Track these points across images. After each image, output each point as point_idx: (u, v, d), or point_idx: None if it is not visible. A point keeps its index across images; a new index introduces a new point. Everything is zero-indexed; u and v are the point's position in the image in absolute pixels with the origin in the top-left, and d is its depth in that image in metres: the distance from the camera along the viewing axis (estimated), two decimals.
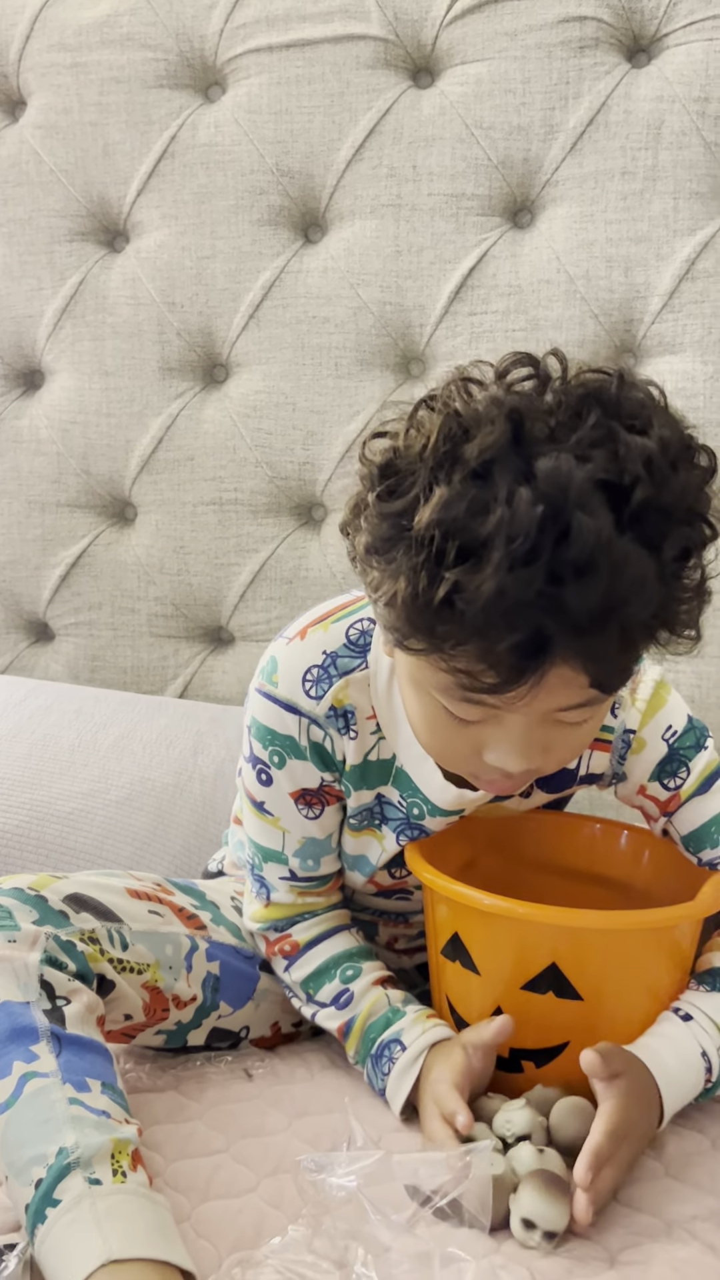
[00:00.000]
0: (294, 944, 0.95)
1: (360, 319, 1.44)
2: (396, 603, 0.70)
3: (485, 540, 0.65)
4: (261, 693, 0.90)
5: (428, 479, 0.68)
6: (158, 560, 1.54)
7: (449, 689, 0.74)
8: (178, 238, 1.49)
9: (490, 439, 0.67)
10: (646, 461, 0.68)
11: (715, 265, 1.34)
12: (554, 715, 0.75)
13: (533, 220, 1.41)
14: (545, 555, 0.65)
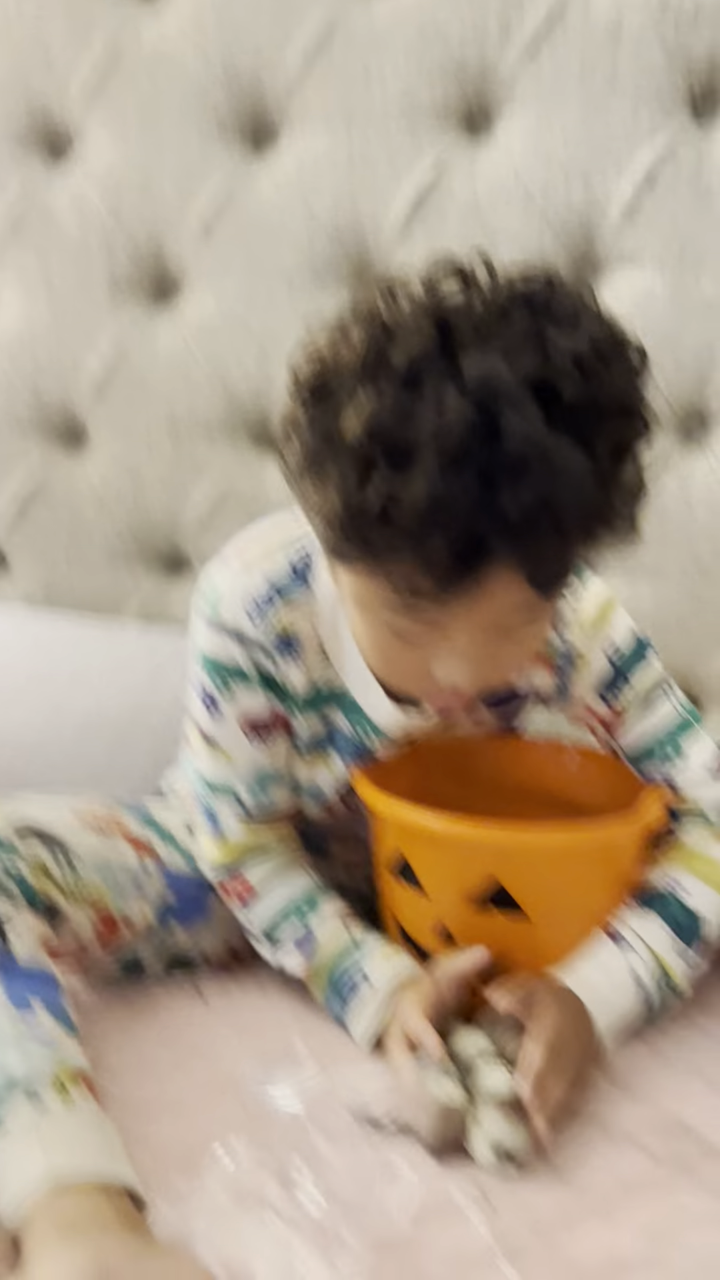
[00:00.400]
0: (249, 886, 0.95)
1: (314, 234, 1.40)
2: (329, 513, 0.69)
3: (415, 444, 0.65)
4: (205, 620, 0.89)
5: (355, 388, 0.67)
6: (113, 486, 1.51)
7: (393, 604, 0.73)
8: (123, 150, 1.44)
9: (416, 343, 0.66)
10: (575, 358, 0.67)
11: (675, 175, 1.30)
12: (499, 625, 0.74)
13: (490, 130, 1.36)
14: (476, 456, 0.64)
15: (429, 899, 0.86)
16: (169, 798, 1.09)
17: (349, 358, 0.69)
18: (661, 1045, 0.88)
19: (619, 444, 0.70)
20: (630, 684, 0.92)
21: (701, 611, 1.36)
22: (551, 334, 0.67)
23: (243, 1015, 0.91)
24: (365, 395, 0.66)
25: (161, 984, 0.96)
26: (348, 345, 0.69)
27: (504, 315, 0.67)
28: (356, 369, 0.68)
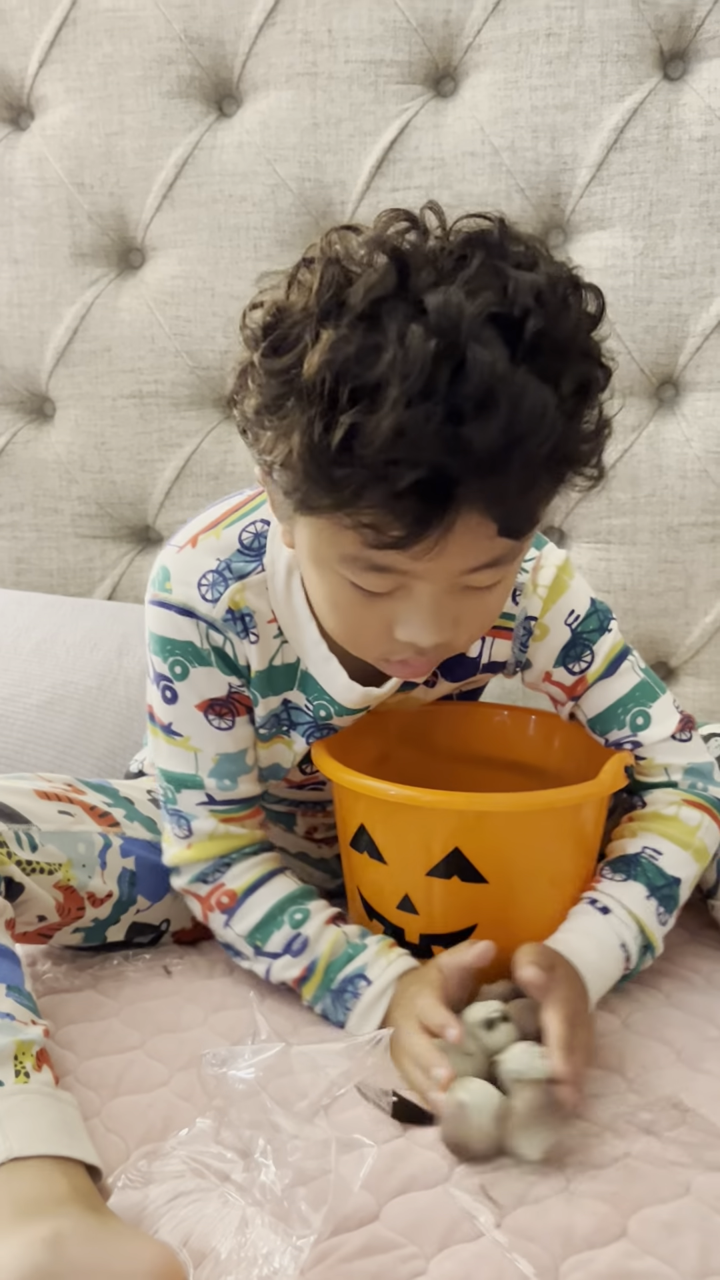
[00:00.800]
0: (230, 894, 0.90)
1: (279, 197, 1.38)
2: (293, 459, 0.67)
3: (379, 380, 0.63)
4: (155, 602, 0.87)
5: (314, 329, 0.66)
6: (79, 457, 1.49)
7: (355, 557, 0.72)
8: (84, 113, 1.41)
9: (375, 280, 0.65)
10: (536, 294, 0.66)
11: (645, 134, 1.28)
12: (463, 580, 0.73)
13: (455, 88, 1.34)
14: (442, 390, 0.63)
15: (391, 870, 0.85)
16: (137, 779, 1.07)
17: (303, 300, 0.67)
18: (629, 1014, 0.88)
19: (581, 383, 0.69)
20: (592, 651, 0.90)
21: (673, 576, 1.35)
22: (510, 271, 0.66)
23: (209, 991, 0.90)
24: (324, 335, 0.65)
25: (127, 960, 0.95)
26: (300, 289, 0.68)
27: (461, 254, 0.66)
28: (313, 310, 0.66)
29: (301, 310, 0.67)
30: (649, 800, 0.93)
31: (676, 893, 0.89)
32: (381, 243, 0.67)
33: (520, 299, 0.65)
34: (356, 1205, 0.65)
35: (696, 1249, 0.62)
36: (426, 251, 0.67)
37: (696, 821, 0.91)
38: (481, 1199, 0.66)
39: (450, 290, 0.64)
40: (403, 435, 0.63)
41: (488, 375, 0.63)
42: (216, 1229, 0.65)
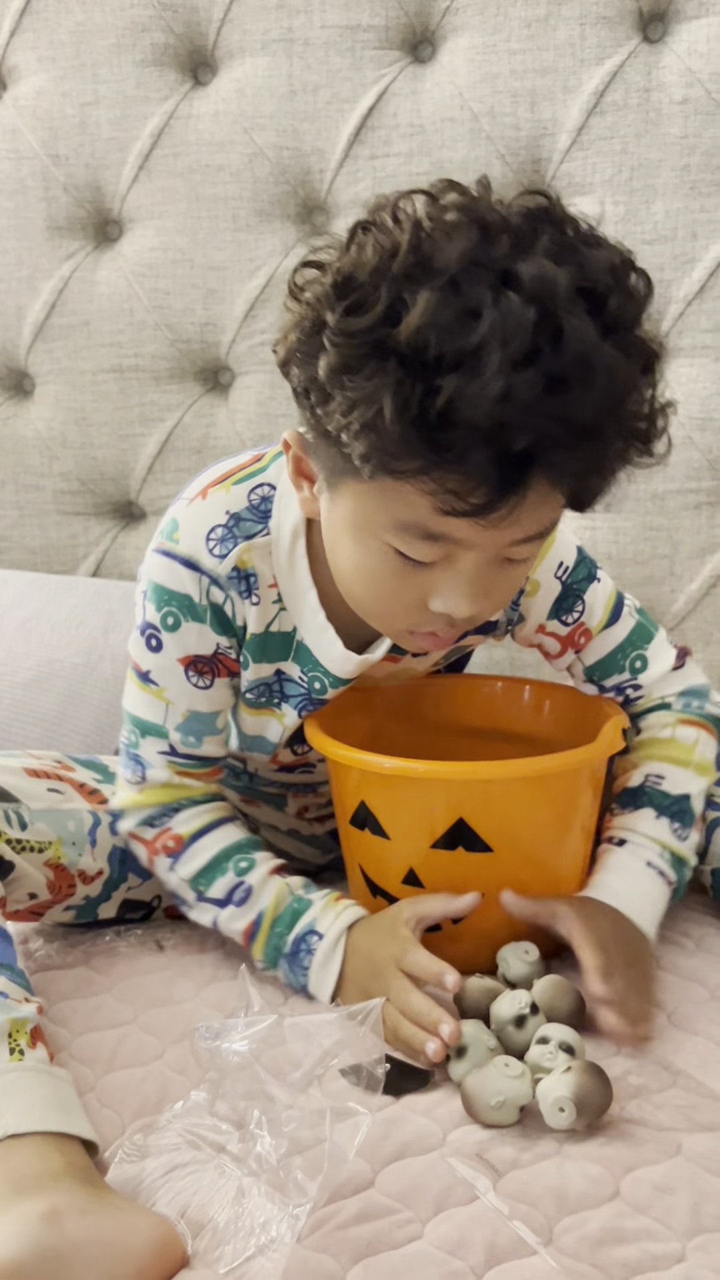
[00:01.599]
0: (176, 838, 0.90)
1: (256, 166, 1.36)
2: (383, 421, 0.66)
3: (479, 345, 0.63)
4: (160, 551, 0.86)
5: (397, 290, 0.65)
6: (59, 433, 1.48)
7: (413, 524, 0.72)
8: (57, 83, 1.39)
9: (465, 245, 0.65)
10: (612, 271, 0.68)
11: (625, 97, 1.27)
12: (507, 550, 0.74)
13: (433, 53, 1.32)
14: (546, 358, 0.64)
15: (394, 845, 0.85)
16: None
17: (376, 260, 0.66)
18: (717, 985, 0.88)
19: (648, 362, 0.70)
20: (583, 601, 0.91)
21: (658, 544, 1.35)
22: (582, 248, 0.67)
23: (200, 965, 0.90)
24: (414, 298, 0.64)
25: (119, 935, 0.95)
26: (373, 249, 0.67)
27: (531, 227, 0.67)
28: (398, 270, 0.65)
29: (375, 271, 0.66)
30: (644, 726, 0.94)
31: (688, 806, 0.90)
32: (466, 205, 0.68)
33: (600, 276, 0.67)
34: (352, 1172, 0.66)
35: (687, 1208, 0.63)
36: (500, 217, 0.67)
37: (693, 738, 0.92)
38: (478, 1165, 0.66)
39: (542, 261, 0.65)
40: (509, 400, 0.63)
41: (585, 347, 0.65)
42: (213, 1199, 0.65)
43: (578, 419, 0.65)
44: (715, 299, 1.28)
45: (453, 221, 0.67)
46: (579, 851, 0.88)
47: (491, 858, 0.83)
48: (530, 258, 0.65)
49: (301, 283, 0.72)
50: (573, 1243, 0.61)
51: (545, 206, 0.69)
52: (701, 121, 1.25)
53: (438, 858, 0.83)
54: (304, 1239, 0.62)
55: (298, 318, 0.71)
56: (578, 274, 0.66)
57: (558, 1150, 0.68)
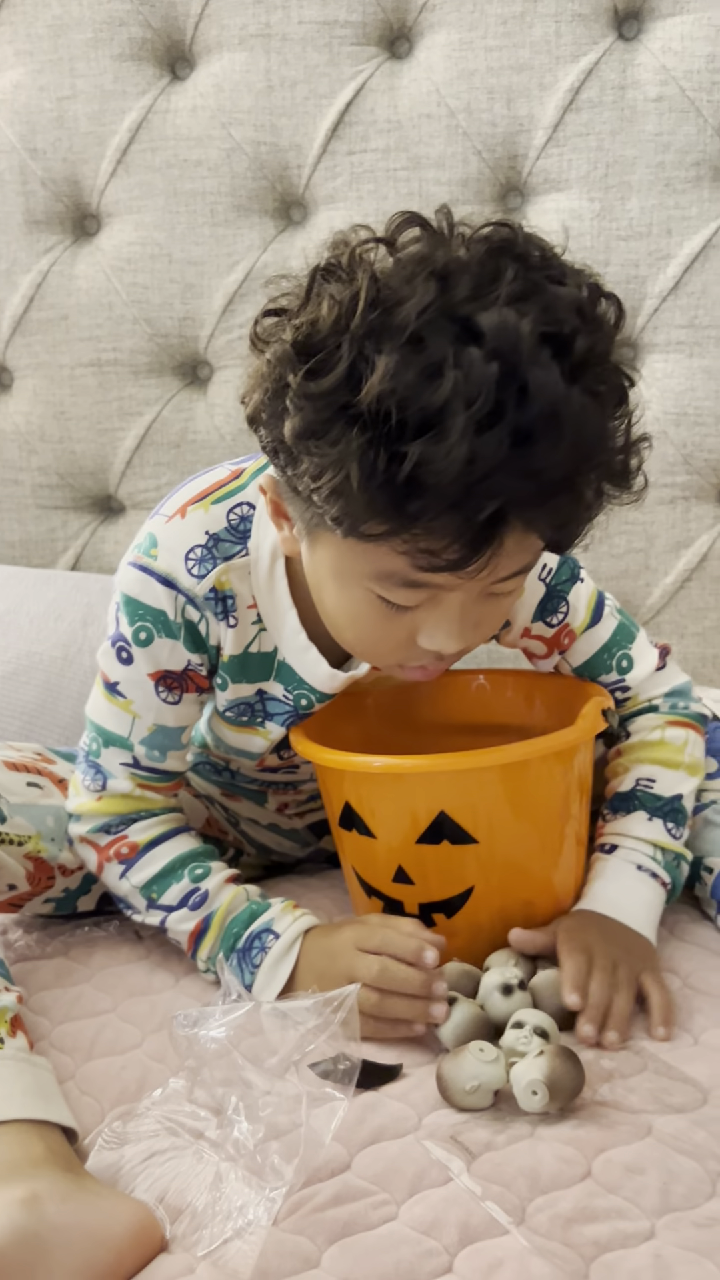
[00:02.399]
0: (132, 845, 0.89)
1: (234, 161, 1.37)
2: (350, 487, 0.65)
3: (441, 407, 0.62)
4: (136, 565, 0.85)
5: (358, 350, 0.64)
6: (38, 427, 1.48)
7: (392, 574, 0.71)
8: (34, 76, 1.39)
9: (425, 300, 0.64)
10: (578, 310, 0.66)
11: (600, 95, 1.28)
12: (490, 589, 0.74)
13: (410, 49, 1.33)
14: (509, 415, 0.63)
15: (381, 843, 0.85)
16: None
17: (336, 316, 0.65)
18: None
19: (620, 397, 0.70)
20: (567, 602, 0.91)
21: (633, 538, 1.36)
22: (547, 286, 0.66)
23: (179, 955, 0.91)
24: (375, 358, 0.63)
25: (98, 926, 0.96)
26: (331, 303, 0.66)
27: (494, 266, 0.65)
28: (357, 328, 0.64)
29: (336, 328, 0.65)
30: (633, 729, 0.94)
31: (680, 806, 0.91)
32: (423, 255, 0.66)
33: (565, 317, 0.65)
34: (328, 1156, 0.67)
35: (657, 1187, 0.64)
36: (460, 261, 0.66)
37: (683, 739, 0.93)
38: (452, 1147, 0.67)
39: (503, 310, 0.64)
40: (474, 464, 0.63)
41: (550, 399, 0.64)
42: (191, 1185, 0.66)
43: (547, 475, 0.65)
44: (689, 295, 1.30)
45: (410, 271, 0.65)
46: (574, 835, 0.88)
47: (478, 849, 0.83)
48: (491, 306, 0.64)
49: (263, 333, 0.71)
50: (544, 1222, 0.62)
51: (508, 239, 0.68)
52: (676, 119, 1.26)
53: (424, 853, 0.83)
54: (280, 1221, 0.63)
55: (261, 376, 0.70)
56: (541, 318, 0.64)
57: (530, 1132, 0.69)
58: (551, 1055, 0.70)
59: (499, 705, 1.00)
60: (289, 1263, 0.60)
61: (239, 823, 1.07)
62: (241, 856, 1.09)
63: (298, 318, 0.68)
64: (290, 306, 0.70)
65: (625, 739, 0.95)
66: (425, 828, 0.83)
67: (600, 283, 0.70)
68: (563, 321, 0.65)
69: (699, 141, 1.27)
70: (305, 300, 0.68)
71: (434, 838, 0.83)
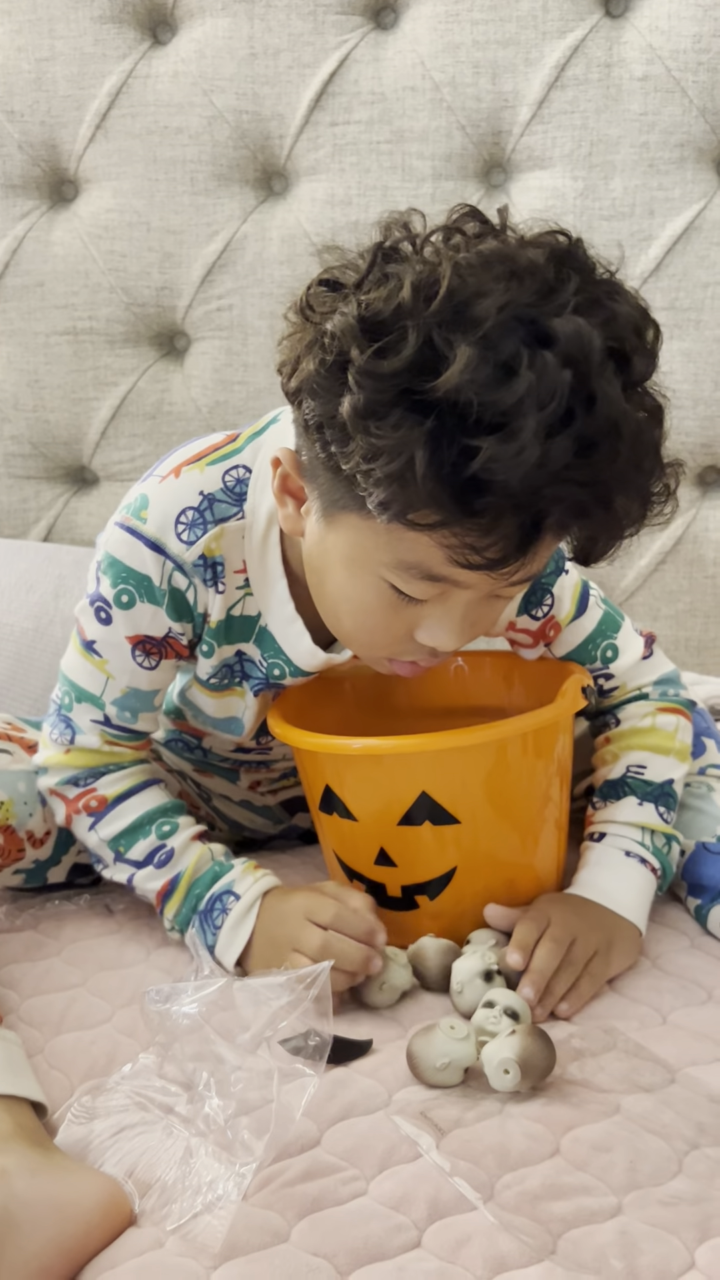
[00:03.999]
0: (100, 799, 0.89)
1: (216, 129, 1.35)
2: (412, 474, 0.64)
3: (514, 407, 0.62)
4: (124, 527, 0.83)
5: (429, 336, 0.64)
6: (11, 395, 1.46)
7: (416, 566, 0.71)
8: (12, 37, 1.36)
9: (504, 298, 0.64)
10: (636, 330, 0.68)
11: (586, 71, 1.27)
12: (499, 590, 0.74)
13: (396, 20, 1.32)
14: (577, 422, 0.64)
15: (363, 826, 0.84)
16: None
17: (411, 298, 0.64)
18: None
19: (660, 419, 0.71)
20: (552, 594, 0.90)
21: None
22: (608, 303, 0.67)
23: (150, 929, 0.91)
24: (451, 348, 0.63)
25: (68, 899, 0.96)
26: (407, 286, 0.65)
27: (561, 273, 0.66)
28: (432, 315, 0.64)
29: (411, 310, 0.64)
30: (623, 716, 0.95)
31: (671, 790, 0.92)
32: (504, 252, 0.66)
33: (626, 334, 0.67)
34: (298, 1132, 0.67)
35: (624, 1165, 0.65)
36: (534, 264, 0.66)
37: (674, 725, 0.93)
38: (422, 1124, 0.68)
39: (574, 319, 0.64)
40: (543, 467, 0.63)
41: (614, 411, 0.65)
42: (161, 1159, 0.66)
43: (603, 485, 0.67)
44: (670, 277, 1.30)
45: (485, 264, 0.65)
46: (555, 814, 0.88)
47: (460, 829, 0.83)
48: (563, 312, 0.65)
49: (317, 305, 0.70)
50: (512, 1198, 0.62)
51: (568, 249, 0.68)
52: (661, 99, 1.26)
53: (405, 835, 0.83)
54: (250, 1196, 0.63)
55: (315, 347, 0.69)
56: (607, 332, 0.65)
57: (500, 1110, 0.69)
58: (523, 1034, 0.70)
59: (477, 687, 1.00)
60: (258, 1237, 0.60)
61: (211, 799, 1.06)
62: (214, 831, 1.09)
63: (365, 293, 0.66)
64: (347, 281, 0.69)
65: (615, 726, 0.95)
66: (407, 809, 0.82)
67: (645, 306, 0.71)
68: (624, 339, 0.66)
69: (684, 122, 1.26)
70: (369, 275, 0.67)
71: (416, 819, 0.83)
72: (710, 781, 0.97)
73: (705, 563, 1.36)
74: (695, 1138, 0.67)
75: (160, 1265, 0.59)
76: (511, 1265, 0.59)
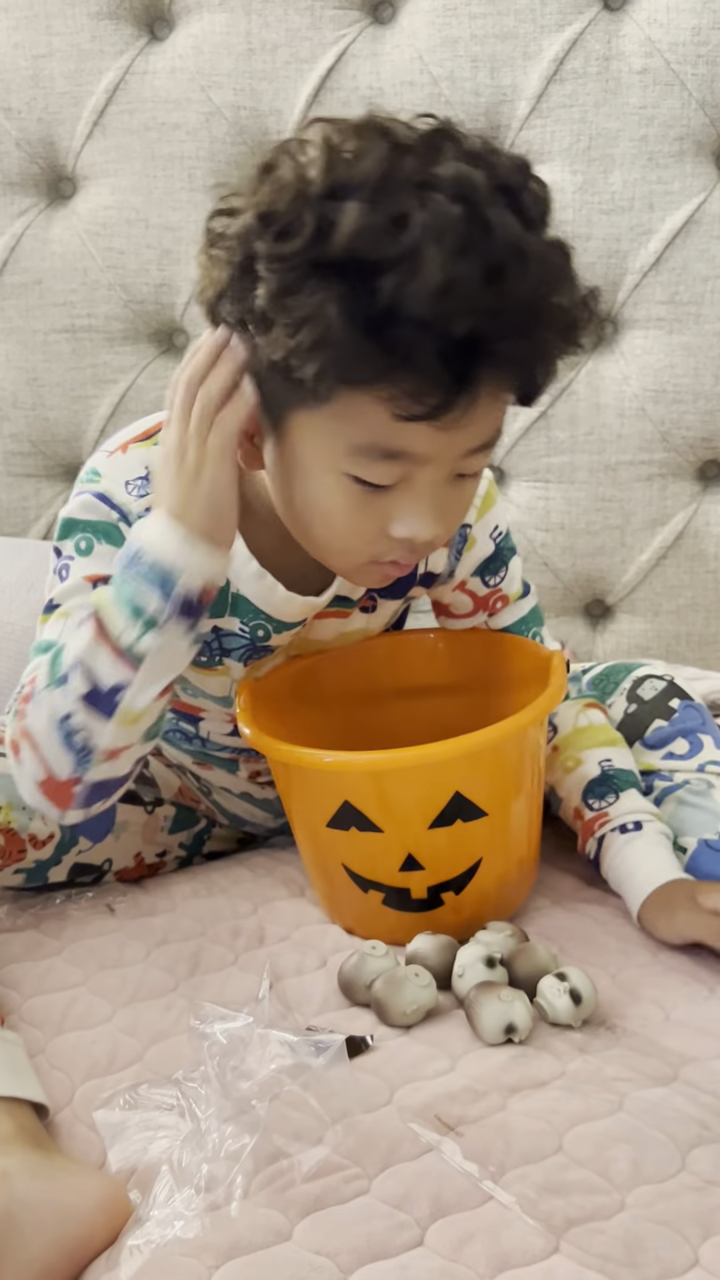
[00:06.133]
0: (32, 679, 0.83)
1: (213, 125, 1.35)
2: (332, 332, 0.67)
3: (414, 244, 0.65)
4: (78, 492, 0.85)
5: (321, 209, 0.67)
6: (10, 393, 1.45)
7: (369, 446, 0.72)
8: (9, 33, 1.36)
9: (380, 154, 0.67)
10: (520, 170, 0.71)
11: (584, 65, 1.27)
12: (460, 465, 0.76)
13: (394, 14, 1.31)
14: (478, 249, 0.66)
15: (388, 836, 0.83)
16: None
17: (295, 182, 0.67)
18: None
19: (566, 253, 0.72)
20: (507, 568, 0.94)
21: (610, 515, 1.36)
22: (484, 154, 0.69)
23: (150, 928, 0.90)
24: (343, 210, 0.66)
25: (69, 899, 0.95)
26: (288, 173, 0.68)
27: (433, 145, 0.69)
28: (318, 192, 0.67)
29: (296, 196, 0.67)
30: (557, 722, 0.98)
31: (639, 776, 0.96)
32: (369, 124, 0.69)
33: (511, 175, 0.70)
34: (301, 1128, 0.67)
35: (628, 1161, 0.64)
36: (406, 133, 0.69)
37: (602, 720, 0.99)
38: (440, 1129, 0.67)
39: (458, 164, 0.67)
40: (450, 290, 0.65)
41: (514, 236, 0.67)
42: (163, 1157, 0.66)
43: (517, 304, 0.68)
44: (670, 271, 1.29)
45: (359, 134, 0.68)
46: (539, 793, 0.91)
47: (486, 821, 0.83)
48: (443, 163, 0.67)
49: (219, 229, 0.73)
50: (516, 1195, 0.62)
51: (442, 123, 0.71)
52: (660, 92, 1.25)
53: (436, 837, 0.83)
54: (253, 1195, 0.63)
55: (219, 263, 0.72)
56: (491, 174, 0.68)
57: (502, 1105, 0.69)
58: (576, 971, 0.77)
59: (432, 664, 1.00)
60: (261, 1236, 0.60)
61: (211, 792, 1.06)
62: (214, 828, 1.09)
63: (255, 197, 0.70)
64: (240, 204, 0.71)
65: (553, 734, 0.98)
66: (440, 811, 0.82)
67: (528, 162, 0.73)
68: (510, 178, 0.69)
69: (683, 115, 1.26)
70: (257, 185, 0.70)
71: (448, 819, 0.82)
72: (710, 779, 0.97)
73: (706, 557, 1.36)
74: (699, 1134, 0.67)
75: (162, 1265, 0.59)
76: (515, 1263, 0.58)
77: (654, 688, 1.02)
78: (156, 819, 1.02)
